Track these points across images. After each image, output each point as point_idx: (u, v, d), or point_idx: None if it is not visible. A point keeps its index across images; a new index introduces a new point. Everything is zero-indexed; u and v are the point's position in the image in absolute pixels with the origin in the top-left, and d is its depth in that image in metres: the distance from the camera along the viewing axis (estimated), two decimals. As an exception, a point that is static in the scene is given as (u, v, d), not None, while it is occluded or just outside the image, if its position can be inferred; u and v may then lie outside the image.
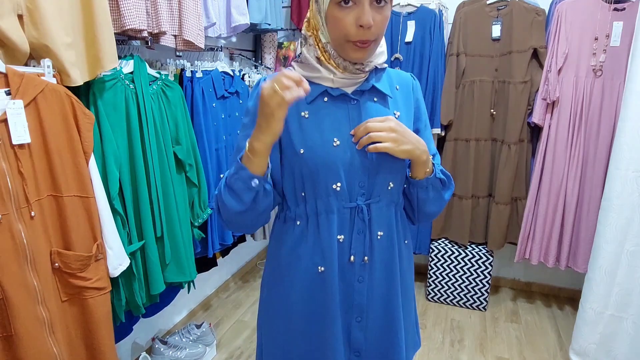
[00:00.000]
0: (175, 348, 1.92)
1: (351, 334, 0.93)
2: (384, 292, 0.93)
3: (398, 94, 0.95)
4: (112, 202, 1.37)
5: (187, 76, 1.83)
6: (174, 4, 1.63)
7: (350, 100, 0.89)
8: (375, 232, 0.90)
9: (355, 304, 0.92)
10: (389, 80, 0.95)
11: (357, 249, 0.89)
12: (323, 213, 0.89)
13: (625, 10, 2.04)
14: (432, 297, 2.62)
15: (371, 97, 0.90)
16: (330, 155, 0.85)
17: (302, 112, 0.87)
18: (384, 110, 0.90)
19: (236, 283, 2.84)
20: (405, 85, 0.96)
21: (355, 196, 0.89)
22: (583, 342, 1.92)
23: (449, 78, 2.35)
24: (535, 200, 2.29)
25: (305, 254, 0.90)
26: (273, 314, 0.97)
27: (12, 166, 1.05)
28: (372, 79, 0.90)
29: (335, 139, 0.86)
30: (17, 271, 1.07)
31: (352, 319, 0.92)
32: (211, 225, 1.94)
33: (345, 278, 0.91)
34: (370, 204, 0.89)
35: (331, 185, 0.87)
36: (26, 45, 1.12)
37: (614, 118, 2.07)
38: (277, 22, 2.53)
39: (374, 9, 0.78)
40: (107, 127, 1.39)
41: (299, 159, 0.86)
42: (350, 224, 0.89)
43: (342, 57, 0.84)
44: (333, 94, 0.87)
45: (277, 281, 0.95)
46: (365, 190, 0.89)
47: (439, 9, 2.34)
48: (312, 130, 0.87)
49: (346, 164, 0.86)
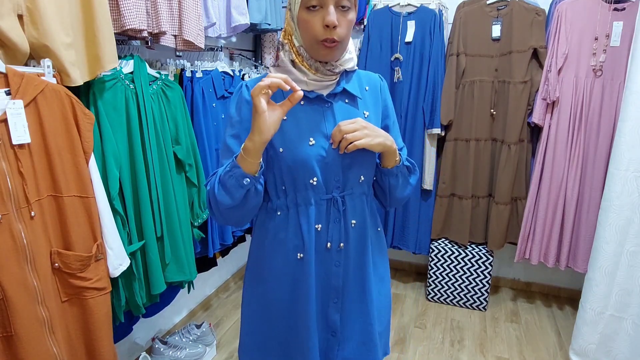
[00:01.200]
0: (175, 348, 1.92)
1: (328, 316, 1.02)
2: (358, 276, 1.02)
3: (367, 95, 1.03)
4: (112, 202, 1.37)
5: (187, 76, 1.83)
6: (174, 4, 1.63)
7: (325, 103, 0.97)
8: (350, 220, 1.00)
9: (332, 286, 1.01)
10: (358, 81, 1.03)
11: (334, 236, 0.98)
12: (302, 205, 0.97)
13: (625, 10, 2.04)
14: (432, 297, 2.62)
15: (342, 98, 0.99)
16: (306, 154, 0.94)
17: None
18: (354, 111, 0.99)
19: (236, 283, 2.84)
20: (373, 85, 1.05)
21: (331, 189, 0.98)
22: (583, 342, 1.92)
23: (449, 78, 2.35)
24: (535, 200, 2.29)
25: (286, 242, 0.98)
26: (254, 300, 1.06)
27: (12, 166, 1.05)
28: (342, 82, 0.98)
29: (311, 139, 0.95)
30: (17, 271, 1.07)
31: (329, 301, 1.01)
32: (211, 225, 1.94)
33: (323, 263, 1.00)
34: (345, 196, 0.99)
35: (308, 180, 0.95)
36: (26, 45, 1.12)
37: (614, 118, 2.07)
38: (277, 22, 2.53)
39: (339, 13, 0.87)
40: (107, 127, 1.39)
41: (279, 157, 0.95)
42: (327, 214, 0.98)
43: (314, 59, 0.92)
44: (310, 97, 0.95)
45: (259, 267, 1.04)
46: (340, 184, 0.98)
47: (439, 9, 2.35)
48: (290, 130, 0.95)
49: (321, 161, 0.95)
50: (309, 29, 0.88)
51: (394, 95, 2.42)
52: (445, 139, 2.45)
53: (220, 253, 2.28)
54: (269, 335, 1.05)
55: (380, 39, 2.42)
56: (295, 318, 1.01)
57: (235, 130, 0.96)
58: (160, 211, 1.56)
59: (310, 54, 0.92)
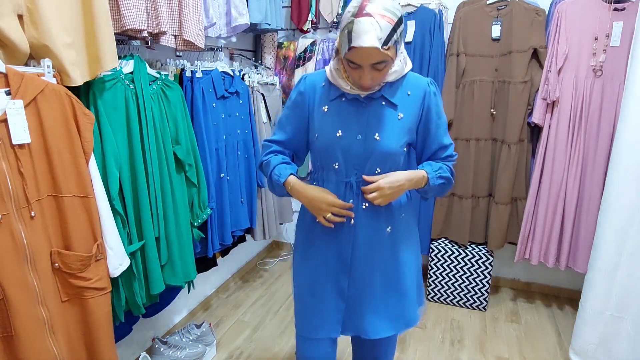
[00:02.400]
0: (175, 348, 1.92)
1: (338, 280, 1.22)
2: (366, 250, 1.19)
3: (408, 100, 1.16)
4: (112, 202, 1.37)
5: (187, 76, 1.83)
6: (174, 4, 1.63)
7: (361, 103, 1.15)
8: (362, 204, 1.17)
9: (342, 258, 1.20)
10: (404, 86, 1.16)
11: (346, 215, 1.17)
12: (326, 181, 1.20)
13: (625, 10, 2.04)
14: (432, 297, 2.62)
15: (380, 101, 1.15)
16: (332, 143, 1.15)
17: (324, 107, 1.18)
18: (389, 111, 1.15)
19: (236, 283, 2.84)
20: (417, 91, 1.17)
21: (350, 174, 1.16)
22: (583, 342, 1.92)
23: (449, 78, 2.35)
24: (535, 200, 2.29)
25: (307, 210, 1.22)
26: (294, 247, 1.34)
27: (12, 166, 1.05)
28: (383, 90, 1.14)
29: (339, 131, 1.14)
30: (17, 271, 1.07)
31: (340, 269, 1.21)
32: (211, 226, 1.94)
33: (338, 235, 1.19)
34: (360, 182, 1.16)
35: (331, 164, 1.17)
36: (26, 45, 1.12)
37: (613, 118, 2.07)
38: (277, 22, 2.54)
39: (374, 71, 1.04)
40: (107, 127, 1.39)
41: (314, 141, 1.19)
42: (343, 194, 1.17)
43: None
44: (348, 97, 1.15)
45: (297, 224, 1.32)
46: (358, 171, 1.16)
47: (439, 9, 2.34)
48: (326, 122, 1.16)
49: (344, 150, 1.14)
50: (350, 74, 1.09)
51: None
52: (445, 139, 2.45)
53: (220, 253, 2.28)
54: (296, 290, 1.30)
55: (380, 39, 2.42)
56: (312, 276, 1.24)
57: (287, 109, 1.25)
58: (160, 211, 1.57)
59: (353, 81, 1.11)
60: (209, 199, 1.88)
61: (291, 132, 1.24)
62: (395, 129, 1.14)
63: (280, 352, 2.13)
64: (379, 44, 0.97)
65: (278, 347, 2.17)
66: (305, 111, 1.21)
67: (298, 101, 1.21)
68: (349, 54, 1.02)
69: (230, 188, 2.07)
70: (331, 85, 1.17)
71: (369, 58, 1.01)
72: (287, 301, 2.62)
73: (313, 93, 1.20)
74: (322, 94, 1.17)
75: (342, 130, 1.14)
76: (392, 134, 1.14)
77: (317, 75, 1.21)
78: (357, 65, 1.03)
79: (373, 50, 0.99)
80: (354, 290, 1.22)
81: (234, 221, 2.12)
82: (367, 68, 1.03)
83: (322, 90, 1.17)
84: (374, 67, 1.03)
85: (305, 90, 1.20)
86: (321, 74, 1.20)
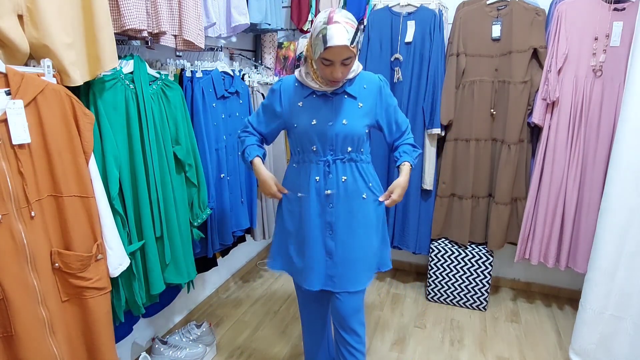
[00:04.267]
0: (175, 348, 1.92)
1: (326, 243, 1.48)
2: (347, 215, 1.46)
3: (365, 92, 1.47)
4: (112, 202, 1.37)
5: (187, 76, 1.82)
6: (174, 4, 1.63)
7: (329, 97, 1.44)
8: (340, 177, 1.45)
9: (327, 221, 1.47)
10: (360, 81, 1.47)
11: (327, 186, 1.45)
12: (307, 162, 1.48)
13: (625, 10, 2.04)
14: (432, 297, 2.62)
15: (343, 95, 1.45)
16: (309, 129, 1.43)
17: (299, 102, 1.47)
18: (351, 102, 1.45)
19: (236, 283, 2.84)
20: (372, 84, 1.48)
21: (327, 154, 1.44)
22: (583, 342, 1.92)
23: (449, 78, 2.35)
24: (535, 201, 2.29)
25: (295, 185, 1.51)
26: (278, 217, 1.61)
27: (12, 166, 1.05)
28: (345, 85, 1.44)
29: (314, 120, 1.43)
30: (17, 271, 1.07)
31: (326, 232, 1.48)
32: (211, 226, 1.94)
33: (321, 204, 1.47)
34: (336, 160, 1.45)
35: (310, 147, 1.45)
36: (26, 45, 1.12)
37: (613, 118, 2.07)
38: (277, 22, 2.53)
39: (342, 66, 1.33)
40: (107, 127, 1.39)
41: (294, 130, 1.47)
42: (323, 171, 1.45)
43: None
44: (318, 93, 1.45)
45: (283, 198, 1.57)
46: (332, 152, 1.44)
47: (439, 9, 2.34)
48: (302, 114, 1.45)
49: (320, 135, 1.43)
50: (323, 72, 1.36)
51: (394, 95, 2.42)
52: (445, 139, 2.45)
53: (220, 253, 2.28)
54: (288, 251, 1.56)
55: (380, 39, 2.42)
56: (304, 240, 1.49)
57: (265, 104, 1.55)
58: (159, 211, 1.57)
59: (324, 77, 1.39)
60: (209, 199, 1.88)
61: (263, 122, 1.56)
62: (357, 115, 1.44)
63: (280, 352, 2.13)
64: (348, 43, 1.26)
65: (278, 347, 2.17)
66: (277, 106, 1.50)
67: (270, 98, 1.53)
68: (324, 54, 1.29)
69: (230, 188, 2.07)
70: (302, 85, 1.46)
71: (340, 54, 1.29)
72: (287, 301, 2.62)
73: (287, 92, 1.49)
74: (295, 93, 1.48)
75: (316, 120, 1.42)
76: (355, 119, 1.44)
77: (290, 79, 1.51)
78: (330, 62, 1.31)
79: (343, 48, 1.27)
80: (339, 249, 1.47)
81: (234, 221, 2.12)
82: (338, 63, 1.31)
83: (294, 89, 1.48)
84: (342, 62, 1.32)
85: (279, 89, 1.50)
86: (292, 78, 1.51)
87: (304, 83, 1.45)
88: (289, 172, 1.56)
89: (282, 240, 1.58)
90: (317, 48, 1.30)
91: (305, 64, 1.45)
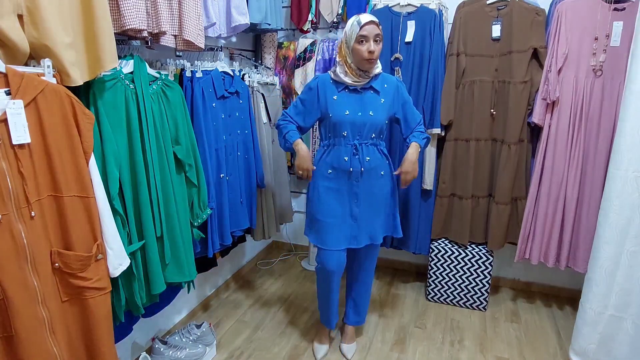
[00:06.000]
0: (175, 348, 1.92)
1: (352, 209, 1.85)
2: (368, 188, 1.83)
3: (386, 89, 1.83)
4: (112, 202, 1.37)
5: (187, 76, 1.82)
6: (174, 4, 1.63)
7: (359, 92, 1.80)
8: (365, 157, 1.80)
9: (353, 193, 1.83)
10: (382, 81, 1.83)
11: (355, 165, 1.80)
12: (337, 145, 1.81)
13: (625, 10, 2.04)
14: (432, 297, 2.62)
15: (370, 90, 1.80)
16: (342, 119, 1.77)
17: (334, 96, 1.79)
18: (376, 97, 1.80)
19: (236, 283, 2.84)
20: (390, 85, 1.84)
21: (354, 139, 1.79)
22: (583, 342, 1.92)
23: (449, 78, 2.35)
24: (535, 200, 2.29)
25: (326, 163, 1.84)
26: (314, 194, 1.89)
27: (12, 166, 1.05)
28: (371, 81, 1.79)
29: (346, 111, 1.77)
30: (17, 271, 1.07)
31: (352, 202, 1.84)
32: (211, 226, 1.94)
33: (349, 180, 1.82)
34: (362, 144, 1.79)
35: (341, 133, 1.79)
36: (26, 45, 1.12)
37: (614, 118, 2.07)
38: (277, 22, 2.53)
39: (375, 43, 1.68)
40: (107, 127, 1.39)
41: (329, 119, 1.79)
42: (351, 153, 1.79)
43: (359, 69, 1.74)
44: (350, 88, 1.79)
45: (314, 176, 1.87)
46: (359, 137, 1.79)
47: (439, 9, 2.34)
48: (337, 105, 1.78)
49: (350, 124, 1.77)
50: (359, 53, 1.68)
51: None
52: (445, 139, 2.45)
53: (220, 253, 2.28)
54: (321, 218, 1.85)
55: (380, 39, 2.42)
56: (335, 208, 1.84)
57: (301, 97, 1.86)
58: (160, 211, 1.56)
59: (357, 66, 1.73)
60: (209, 199, 1.88)
61: (301, 113, 1.86)
62: (380, 108, 1.79)
63: (280, 352, 2.13)
64: (376, 21, 1.66)
65: (278, 347, 2.17)
66: (315, 102, 1.82)
67: (308, 93, 1.84)
68: (360, 31, 1.64)
69: (230, 188, 2.07)
70: (337, 82, 1.80)
71: (373, 30, 1.65)
72: (287, 301, 2.62)
73: (323, 88, 1.81)
74: (330, 88, 1.80)
75: (348, 110, 1.77)
76: (379, 111, 1.78)
77: (325, 76, 1.83)
78: (365, 38, 1.65)
79: (375, 25, 1.66)
80: (363, 214, 1.84)
81: (234, 221, 2.12)
82: (372, 39, 1.65)
83: (329, 85, 1.80)
84: (374, 39, 1.66)
85: (316, 86, 1.82)
86: (327, 76, 1.83)
87: (338, 80, 1.78)
88: (321, 155, 1.87)
89: (317, 213, 1.86)
90: (353, 33, 1.66)
91: (339, 65, 1.77)
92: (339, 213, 1.83)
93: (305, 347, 2.17)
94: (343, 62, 1.75)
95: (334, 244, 1.84)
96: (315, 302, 2.58)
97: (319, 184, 1.86)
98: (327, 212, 1.84)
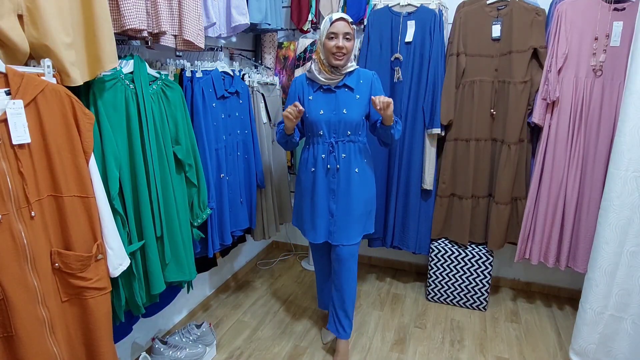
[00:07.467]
0: (175, 348, 1.92)
1: (329, 205, 1.90)
2: (345, 184, 1.86)
3: (361, 85, 1.85)
4: (112, 202, 1.37)
5: (187, 76, 1.82)
6: (174, 4, 1.63)
7: (332, 91, 1.84)
8: (341, 154, 1.84)
9: (330, 189, 1.88)
10: (357, 77, 1.85)
11: (331, 162, 1.85)
12: (315, 144, 1.88)
13: (625, 10, 2.04)
14: (432, 297, 2.62)
15: (344, 88, 1.83)
16: (317, 118, 1.83)
17: (309, 96, 1.85)
18: (350, 95, 1.83)
19: (236, 283, 2.84)
20: (366, 80, 1.86)
21: (330, 137, 1.84)
22: (583, 342, 1.92)
23: (449, 78, 2.35)
24: (535, 200, 2.29)
25: (308, 162, 1.91)
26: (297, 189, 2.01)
27: (12, 166, 1.05)
28: (345, 79, 1.83)
29: (321, 110, 1.82)
30: (17, 271, 1.07)
31: (330, 198, 1.89)
32: (211, 226, 1.94)
33: (326, 176, 1.87)
34: (338, 142, 1.84)
35: (318, 132, 1.85)
36: (26, 45, 1.12)
37: (614, 118, 2.07)
38: (277, 22, 2.54)
39: (345, 40, 1.73)
40: (107, 127, 1.39)
41: (306, 118, 1.86)
42: (328, 150, 1.85)
43: (330, 65, 1.79)
44: (324, 88, 1.85)
45: (298, 172, 1.97)
46: (335, 135, 1.84)
47: (439, 9, 2.34)
48: (313, 105, 1.84)
49: (325, 123, 1.82)
50: (329, 47, 1.74)
51: (394, 96, 2.42)
52: (445, 139, 2.45)
53: (220, 253, 2.28)
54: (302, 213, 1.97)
55: (380, 39, 2.42)
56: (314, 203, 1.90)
57: (287, 103, 1.91)
58: (160, 211, 1.56)
59: (327, 62, 1.78)
60: (209, 199, 1.88)
61: None
62: (355, 105, 1.82)
63: (280, 352, 2.13)
64: (348, 19, 1.72)
65: (278, 347, 2.17)
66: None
67: (291, 98, 1.91)
68: (330, 28, 1.71)
69: (230, 188, 2.07)
70: (312, 82, 1.87)
71: (342, 27, 1.71)
72: (287, 301, 2.62)
73: (300, 90, 1.88)
74: (306, 89, 1.87)
75: (323, 110, 1.82)
76: (354, 108, 1.82)
77: (301, 77, 1.91)
78: (334, 35, 1.71)
79: (344, 23, 1.71)
80: (339, 211, 1.88)
81: (234, 221, 2.12)
82: (341, 36, 1.71)
83: (305, 86, 1.87)
84: (344, 37, 1.72)
85: (294, 90, 1.90)
86: (303, 76, 1.90)
87: (313, 79, 1.83)
88: (303, 153, 1.94)
89: (299, 207, 1.99)
90: (325, 30, 1.73)
91: (314, 63, 1.82)
92: (318, 208, 1.89)
93: (305, 347, 2.17)
94: (318, 59, 1.81)
95: (312, 237, 1.94)
96: (315, 302, 2.58)
97: (302, 179, 1.95)
98: (307, 207, 1.93)
